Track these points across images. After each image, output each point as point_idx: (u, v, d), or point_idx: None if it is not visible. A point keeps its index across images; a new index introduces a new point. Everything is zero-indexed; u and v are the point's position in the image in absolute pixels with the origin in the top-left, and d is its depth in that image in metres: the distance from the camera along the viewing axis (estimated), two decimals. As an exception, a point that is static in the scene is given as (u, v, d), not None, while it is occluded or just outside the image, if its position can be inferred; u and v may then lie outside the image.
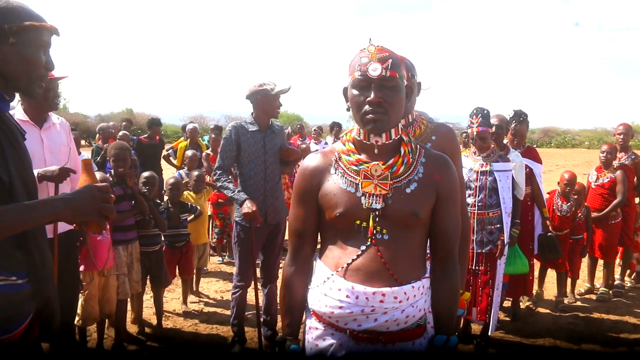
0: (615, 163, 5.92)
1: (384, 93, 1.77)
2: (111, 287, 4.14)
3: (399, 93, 1.80)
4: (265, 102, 4.17)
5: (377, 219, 1.79)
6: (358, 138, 1.88)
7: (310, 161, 1.93)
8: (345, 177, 1.84)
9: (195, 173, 6.00)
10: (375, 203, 1.79)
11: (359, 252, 1.80)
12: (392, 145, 1.86)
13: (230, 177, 4.23)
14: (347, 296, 1.78)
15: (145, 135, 8.62)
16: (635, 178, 6.06)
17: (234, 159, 4.21)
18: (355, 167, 1.84)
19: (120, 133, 8.54)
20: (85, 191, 1.63)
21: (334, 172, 1.87)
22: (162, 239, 4.91)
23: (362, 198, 1.80)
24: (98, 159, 7.33)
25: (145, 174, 4.69)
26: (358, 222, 1.80)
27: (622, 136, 6.12)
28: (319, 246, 1.98)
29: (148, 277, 4.69)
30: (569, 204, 5.47)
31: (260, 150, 4.18)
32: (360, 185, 1.81)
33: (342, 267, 1.81)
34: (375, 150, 1.84)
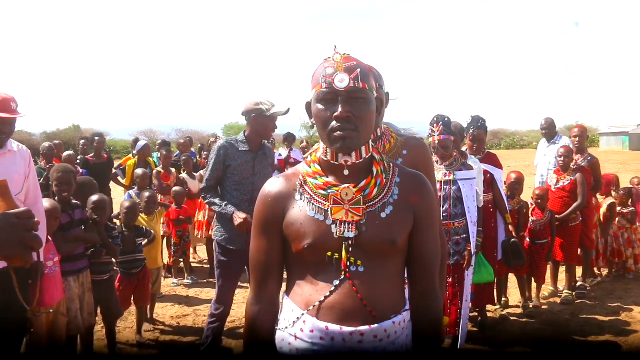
0: (572, 165, 5.95)
1: (353, 107, 1.58)
2: (61, 325, 3.81)
3: (369, 106, 1.61)
4: (258, 122, 3.98)
5: (350, 249, 1.60)
6: (325, 158, 1.68)
7: (272, 186, 1.72)
8: (313, 204, 1.64)
9: (147, 194, 5.67)
10: (348, 231, 1.60)
11: (332, 288, 1.60)
12: (363, 165, 1.67)
13: (217, 193, 4.05)
14: (321, 338, 1.58)
15: (92, 154, 8.20)
16: (592, 179, 6.10)
17: (221, 178, 4.01)
18: (323, 192, 1.64)
19: (66, 154, 8.13)
20: (1, 220, 1.35)
21: (300, 197, 1.67)
22: (114, 266, 4.59)
23: (333, 226, 1.61)
24: (41, 180, 6.91)
25: (94, 197, 4.32)
26: (329, 253, 1.60)
27: (577, 139, 6.19)
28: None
29: (99, 308, 4.38)
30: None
31: (249, 172, 3.97)
32: (329, 212, 1.62)
33: (314, 306, 1.60)
34: (345, 172, 1.65)
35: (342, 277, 1.60)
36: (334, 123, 1.58)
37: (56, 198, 4.06)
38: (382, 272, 1.62)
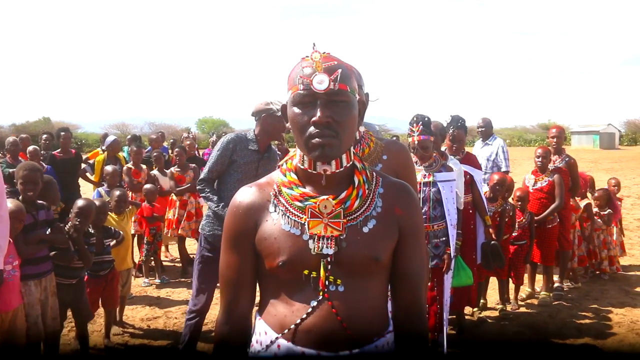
0: (550, 166, 5.90)
1: (333, 111, 1.43)
2: (19, 331, 3.61)
3: (351, 110, 1.47)
4: (269, 122, 3.88)
5: (329, 267, 1.46)
6: (302, 167, 1.53)
7: (243, 196, 1.56)
8: (288, 216, 1.50)
9: (117, 193, 5.43)
10: (327, 247, 1.46)
11: (309, 309, 1.46)
12: (344, 175, 1.53)
13: (214, 188, 3.91)
14: None
15: (59, 150, 7.90)
16: (570, 180, 6.06)
17: (222, 172, 3.87)
18: (299, 204, 1.50)
19: (30, 148, 7.82)
20: None
21: (274, 209, 1.52)
22: (84, 271, 4.40)
23: (310, 242, 1.47)
24: (9, 171, 6.65)
25: (80, 203, 4.17)
26: (306, 271, 1.46)
27: (555, 139, 6.13)
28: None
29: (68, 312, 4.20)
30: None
31: (252, 172, 3.83)
32: (306, 226, 1.48)
33: (289, 329, 1.46)
34: (324, 182, 1.51)
35: (320, 297, 1.46)
36: (311, 129, 1.44)
37: (20, 197, 3.86)
38: (363, 291, 1.49)
